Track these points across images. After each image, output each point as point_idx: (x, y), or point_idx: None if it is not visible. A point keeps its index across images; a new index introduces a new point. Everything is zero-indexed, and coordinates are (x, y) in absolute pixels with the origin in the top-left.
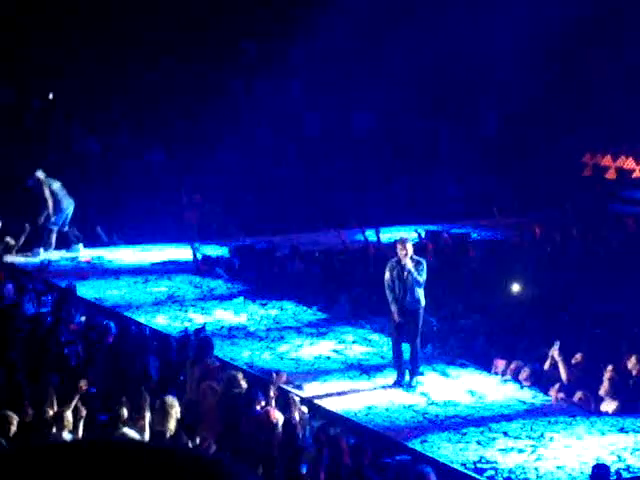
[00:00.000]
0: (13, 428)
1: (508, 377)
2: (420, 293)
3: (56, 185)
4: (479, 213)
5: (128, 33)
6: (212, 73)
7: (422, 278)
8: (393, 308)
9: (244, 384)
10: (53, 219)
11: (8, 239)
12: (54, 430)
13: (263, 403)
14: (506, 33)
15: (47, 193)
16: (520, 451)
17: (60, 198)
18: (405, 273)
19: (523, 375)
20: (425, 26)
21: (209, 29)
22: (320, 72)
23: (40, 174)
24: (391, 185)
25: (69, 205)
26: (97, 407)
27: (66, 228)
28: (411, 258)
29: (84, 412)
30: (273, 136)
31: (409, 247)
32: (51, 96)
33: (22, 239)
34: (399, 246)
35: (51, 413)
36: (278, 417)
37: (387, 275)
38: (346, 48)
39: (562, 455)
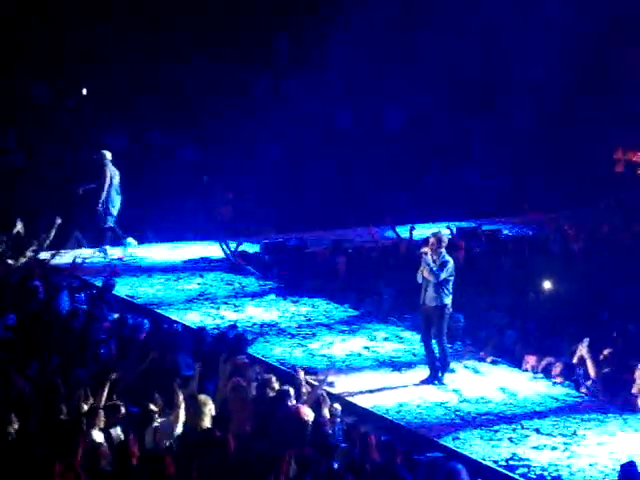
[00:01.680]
0: None
1: (539, 374)
2: (440, 290)
3: (117, 178)
4: (511, 210)
5: (160, 31)
6: (243, 70)
7: (442, 276)
8: (420, 301)
9: (277, 386)
10: (107, 213)
11: (43, 236)
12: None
13: (294, 401)
14: (538, 30)
15: (108, 173)
16: (553, 448)
17: (113, 193)
18: (426, 266)
19: (555, 371)
20: (458, 23)
21: (241, 26)
22: (352, 69)
23: (108, 153)
24: (423, 182)
25: (117, 204)
26: (129, 403)
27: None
28: (438, 254)
29: (123, 410)
30: (305, 134)
31: (436, 241)
32: (85, 92)
33: (52, 233)
34: (430, 239)
35: (84, 410)
36: (309, 414)
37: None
38: (378, 45)
39: (595, 452)
